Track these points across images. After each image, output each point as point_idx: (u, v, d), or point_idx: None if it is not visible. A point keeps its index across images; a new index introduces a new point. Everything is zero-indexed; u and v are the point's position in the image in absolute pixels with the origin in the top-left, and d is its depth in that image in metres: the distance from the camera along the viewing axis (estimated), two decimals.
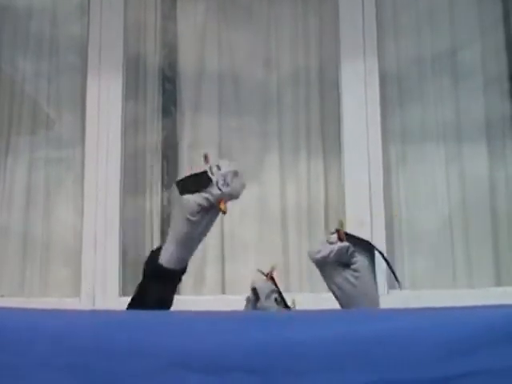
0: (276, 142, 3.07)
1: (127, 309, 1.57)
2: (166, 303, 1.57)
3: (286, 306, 1.70)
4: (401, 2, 3.15)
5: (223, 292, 2.88)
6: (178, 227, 1.56)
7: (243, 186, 1.56)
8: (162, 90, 3.15)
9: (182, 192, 1.56)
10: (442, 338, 1.18)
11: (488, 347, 1.17)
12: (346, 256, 1.63)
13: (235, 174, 1.55)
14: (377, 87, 2.98)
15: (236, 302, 1.68)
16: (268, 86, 3.13)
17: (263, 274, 1.69)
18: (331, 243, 1.63)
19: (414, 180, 2.99)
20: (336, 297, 1.67)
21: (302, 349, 1.19)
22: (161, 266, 1.56)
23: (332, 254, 1.62)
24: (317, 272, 2.95)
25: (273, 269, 1.70)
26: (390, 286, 2.75)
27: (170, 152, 3.10)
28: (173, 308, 2.03)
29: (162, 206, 3.04)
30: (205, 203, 1.52)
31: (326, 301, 2.77)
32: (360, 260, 1.64)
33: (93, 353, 1.19)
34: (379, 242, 2.76)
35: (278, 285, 1.69)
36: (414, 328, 1.22)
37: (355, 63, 2.99)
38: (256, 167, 3.05)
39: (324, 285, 2.91)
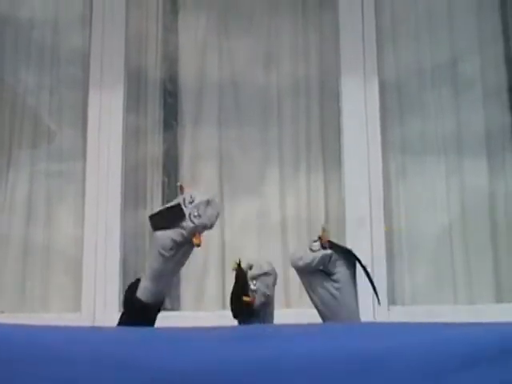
0: (276, 154, 3.07)
1: None
2: None
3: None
4: (400, 13, 3.15)
5: (224, 305, 2.88)
6: (152, 263, 1.57)
7: (216, 215, 1.55)
8: (162, 103, 3.15)
9: (156, 227, 1.56)
10: (440, 355, 1.19)
11: (486, 364, 1.17)
12: (329, 264, 1.61)
13: (208, 203, 1.54)
14: (377, 99, 2.98)
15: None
16: (268, 98, 3.13)
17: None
18: (313, 251, 1.62)
19: (414, 192, 2.98)
20: (316, 307, 1.65)
21: (299, 364, 1.19)
22: (137, 300, 1.57)
23: (314, 263, 1.60)
24: None
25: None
26: (391, 302, 2.75)
27: (170, 164, 3.11)
28: (174, 322, 2.02)
29: None
30: (179, 238, 1.53)
31: None
32: (341, 270, 1.62)
33: (92, 366, 1.20)
34: (379, 255, 2.77)
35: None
36: (411, 344, 1.22)
37: (355, 74, 2.99)
38: (256, 179, 3.05)
39: None
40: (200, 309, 2.91)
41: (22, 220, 3.06)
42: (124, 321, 1.60)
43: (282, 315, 1.77)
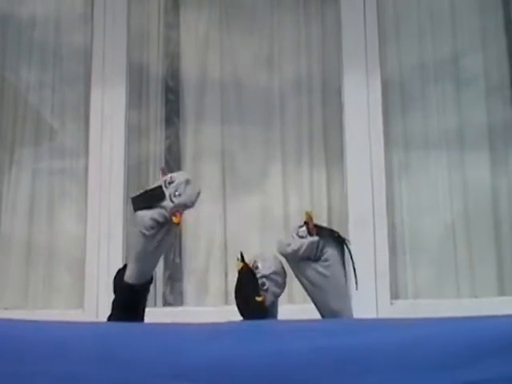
0: (279, 151, 3.07)
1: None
2: (135, 316, 1.58)
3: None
4: (403, 9, 3.15)
5: (227, 301, 2.88)
6: (134, 243, 1.58)
7: (197, 194, 1.56)
8: (164, 100, 3.16)
9: (137, 208, 1.56)
10: (447, 347, 1.19)
11: (493, 356, 1.18)
12: (316, 251, 1.61)
13: (187, 182, 1.56)
14: (379, 95, 2.98)
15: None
16: (270, 95, 3.13)
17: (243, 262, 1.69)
18: (301, 237, 1.61)
19: (417, 187, 2.98)
20: (306, 290, 1.65)
21: (305, 359, 1.19)
22: (124, 283, 1.59)
23: (302, 249, 1.60)
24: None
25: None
26: (393, 297, 2.76)
27: (172, 161, 3.11)
28: (177, 318, 2.02)
29: None
30: (159, 218, 1.53)
31: None
32: (329, 250, 1.62)
33: (94, 362, 1.20)
34: (382, 250, 2.78)
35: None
36: (417, 337, 1.22)
37: (357, 71, 2.99)
38: (259, 176, 3.05)
39: None
40: (203, 304, 2.91)
41: (25, 217, 3.06)
42: (115, 305, 1.60)
43: (286, 311, 1.77)
